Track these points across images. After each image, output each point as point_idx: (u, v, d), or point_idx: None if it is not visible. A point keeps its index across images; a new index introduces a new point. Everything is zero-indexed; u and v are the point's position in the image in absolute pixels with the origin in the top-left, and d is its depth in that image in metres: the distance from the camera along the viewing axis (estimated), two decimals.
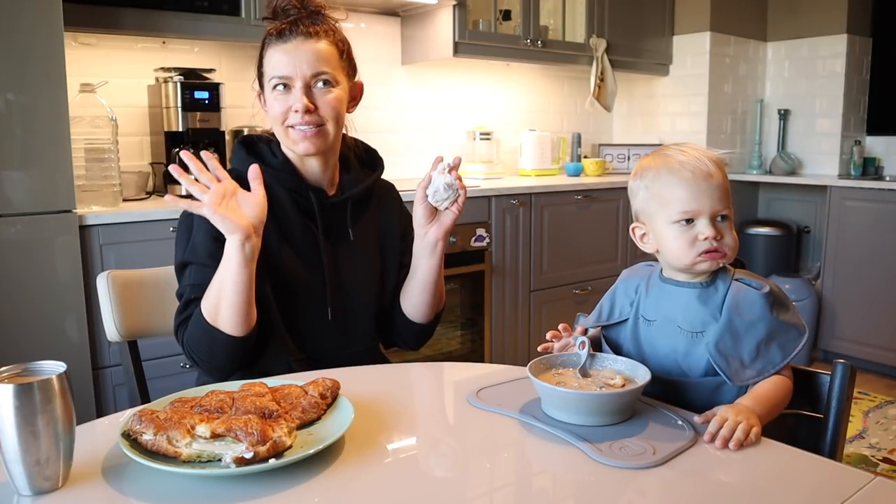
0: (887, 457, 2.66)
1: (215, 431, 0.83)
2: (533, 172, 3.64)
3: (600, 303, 1.21)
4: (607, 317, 1.18)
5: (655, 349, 1.10)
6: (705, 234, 1.05)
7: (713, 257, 1.06)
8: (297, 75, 1.26)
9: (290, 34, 1.27)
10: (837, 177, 3.90)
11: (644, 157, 1.16)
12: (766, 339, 1.04)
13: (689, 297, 1.09)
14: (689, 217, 1.06)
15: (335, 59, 1.30)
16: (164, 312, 1.42)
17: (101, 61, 2.58)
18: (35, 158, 1.96)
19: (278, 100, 1.28)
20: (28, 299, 1.98)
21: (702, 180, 1.06)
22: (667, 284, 1.12)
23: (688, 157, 1.08)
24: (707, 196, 1.06)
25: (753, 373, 1.03)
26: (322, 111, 1.28)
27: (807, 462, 0.88)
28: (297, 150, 1.29)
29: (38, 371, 0.80)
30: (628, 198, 1.18)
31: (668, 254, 1.10)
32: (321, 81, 1.27)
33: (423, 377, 1.28)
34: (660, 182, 1.09)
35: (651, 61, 3.96)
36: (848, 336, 3.58)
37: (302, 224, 1.32)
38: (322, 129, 1.28)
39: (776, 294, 1.07)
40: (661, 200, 1.09)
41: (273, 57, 1.28)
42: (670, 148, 1.12)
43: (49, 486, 0.78)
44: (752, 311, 1.05)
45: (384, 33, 3.32)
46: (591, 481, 0.83)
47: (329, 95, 1.28)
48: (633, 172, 1.15)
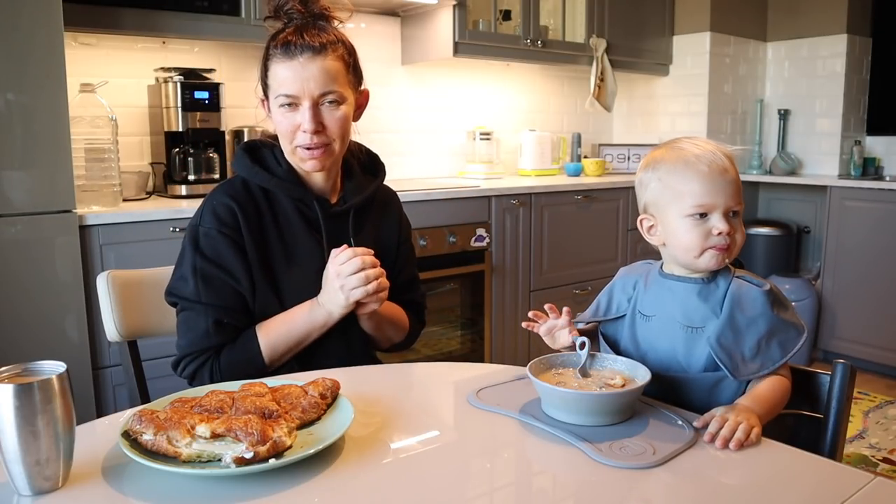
0: (887, 457, 2.66)
1: (215, 431, 0.83)
2: (533, 172, 3.64)
3: (597, 298, 1.21)
4: (604, 312, 1.18)
5: (653, 345, 1.10)
6: (719, 228, 1.05)
7: (722, 252, 1.06)
8: (304, 95, 1.24)
9: (295, 49, 1.24)
10: (837, 177, 3.90)
11: (655, 148, 1.15)
12: (766, 335, 1.04)
13: (689, 293, 1.09)
14: (704, 211, 1.06)
15: (342, 75, 1.28)
16: (164, 312, 1.42)
17: (101, 61, 2.58)
18: (35, 158, 1.96)
19: (286, 117, 1.27)
20: (28, 299, 1.98)
21: (718, 175, 1.06)
22: (667, 280, 1.12)
23: (703, 151, 1.07)
24: (722, 191, 1.06)
25: (755, 367, 1.03)
26: (330, 131, 1.27)
27: (807, 462, 0.88)
28: (304, 167, 1.30)
29: (38, 371, 0.80)
30: (631, 194, 1.17)
31: (678, 247, 1.09)
32: (329, 101, 1.26)
33: (423, 377, 1.28)
34: (675, 174, 1.08)
35: (651, 61, 3.96)
36: (848, 336, 3.58)
37: (306, 235, 1.32)
38: (329, 149, 1.28)
39: (776, 293, 1.08)
40: (675, 193, 1.08)
41: (279, 73, 1.25)
42: (682, 141, 1.11)
43: (49, 486, 0.78)
44: (754, 308, 1.05)
45: (384, 33, 3.32)
46: (591, 481, 0.83)
47: (337, 114, 1.27)
48: (644, 164, 1.14)
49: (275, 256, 1.29)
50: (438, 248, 2.83)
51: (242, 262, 1.26)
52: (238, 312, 1.26)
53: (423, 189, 2.83)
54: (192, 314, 1.25)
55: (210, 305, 1.23)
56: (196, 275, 1.24)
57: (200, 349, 1.24)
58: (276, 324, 1.26)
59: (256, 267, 1.27)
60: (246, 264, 1.26)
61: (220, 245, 1.25)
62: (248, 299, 1.27)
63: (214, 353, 1.24)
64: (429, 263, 2.78)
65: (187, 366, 1.25)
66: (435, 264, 2.80)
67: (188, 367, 1.25)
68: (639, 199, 1.17)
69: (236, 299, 1.25)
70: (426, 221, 2.76)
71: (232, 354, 1.24)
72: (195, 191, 2.50)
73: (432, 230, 2.80)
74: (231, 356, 1.24)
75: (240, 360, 1.23)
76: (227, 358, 1.24)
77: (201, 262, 1.24)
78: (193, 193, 2.49)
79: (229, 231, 1.26)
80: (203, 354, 1.24)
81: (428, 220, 2.76)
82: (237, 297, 1.25)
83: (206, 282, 1.24)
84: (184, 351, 1.25)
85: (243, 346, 1.24)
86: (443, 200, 2.83)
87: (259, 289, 1.27)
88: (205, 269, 1.24)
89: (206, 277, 1.24)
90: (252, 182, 1.31)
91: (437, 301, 2.94)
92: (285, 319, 1.26)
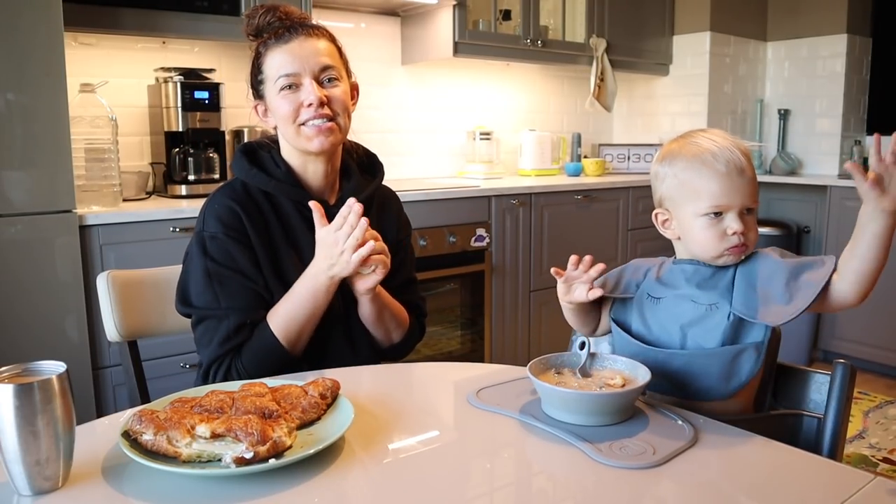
0: (887, 457, 2.66)
1: (215, 431, 0.83)
2: (533, 172, 3.63)
3: (607, 274, 1.17)
4: (612, 288, 1.17)
5: (664, 323, 1.10)
6: (734, 228, 1.06)
7: (737, 252, 1.07)
8: (305, 71, 1.26)
9: (289, 34, 1.27)
10: (837, 177, 3.90)
11: (671, 141, 1.14)
12: (790, 278, 1.04)
13: (701, 274, 1.10)
14: (719, 211, 1.06)
15: (336, 55, 1.32)
16: (164, 312, 1.42)
17: (101, 61, 2.58)
18: (35, 158, 1.96)
19: (287, 99, 1.27)
20: (28, 299, 1.98)
21: (736, 175, 1.06)
22: (682, 265, 1.13)
23: (720, 148, 1.07)
24: (739, 191, 1.06)
25: (793, 308, 1.01)
26: (334, 104, 1.28)
27: (807, 462, 0.88)
28: (312, 146, 1.28)
29: (38, 371, 0.80)
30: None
31: (694, 244, 1.10)
32: (328, 77, 1.28)
33: (423, 377, 1.27)
34: (691, 172, 1.08)
35: (651, 61, 3.96)
36: (848, 336, 3.58)
37: (308, 237, 1.32)
38: (335, 123, 1.28)
39: (782, 250, 1.09)
40: (692, 191, 1.08)
41: (276, 58, 1.27)
42: (698, 135, 1.11)
43: (49, 486, 0.78)
44: (766, 266, 1.07)
45: (384, 33, 3.32)
46: (591, 481, 0.83)
47: (338, 89, 1.29)
48: (660, 156, 1.14)
49: (282, 254, 1.29)
50: (438, 248, 2.83)
51: (253, 261, 1.26)
52: (257, 310, 1.25)
53: (422, 189, 2.83)
54: (213, 321, 1.24)
55: (230, 308, 1.23)
56: (210, 280, 1.23)
57: (224, 353, 1.23)
58: (280, 309, 1.25)
59: (266, 265, 1.27)
60: (256, 262, 1.26)
61: (230, 247, 1.24)
62: (265, 296, 1.26)
63: (236, 353, 1.24)
64: (429, 263, 2.78)
65: (216, 373, 1.23)
66: (435, 264, 2.80)
67: (217, 374, 1.23)
68: (654, 192, 1.16)
69: (253, 298, 1.25)
70: (426, 221, 2.76)
71: (252, 349, 1.23)
72: (195, 191, 2.50)
73: (432, 230, 2.80)
74: (251, 351, 1.23)
75: (260, 353, 1.22)
76: (248, 354, 1.23)
77: (213, 267, 1.24)
78: (193, 193, 2.49)
79: (235, 233, 1.25)
80: (227, 358, 1.23)
81: (428, 220, 2.76)
82: (254, 295, 1.25)
83: (221, 286, 1.23)
84: (209, 359, 1.23)
85: (260, 339, 1.23)
86: (443, 200, 2.83)
87: (271, 286, 1.27)
88: (218, 273, 1.24)
89: (220, 281, 1.23)
90: (251, 185, 1.31)
91: (437, 301, 2.94)
92: (288, 301, 1.24)
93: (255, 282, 1.25)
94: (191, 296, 1.25)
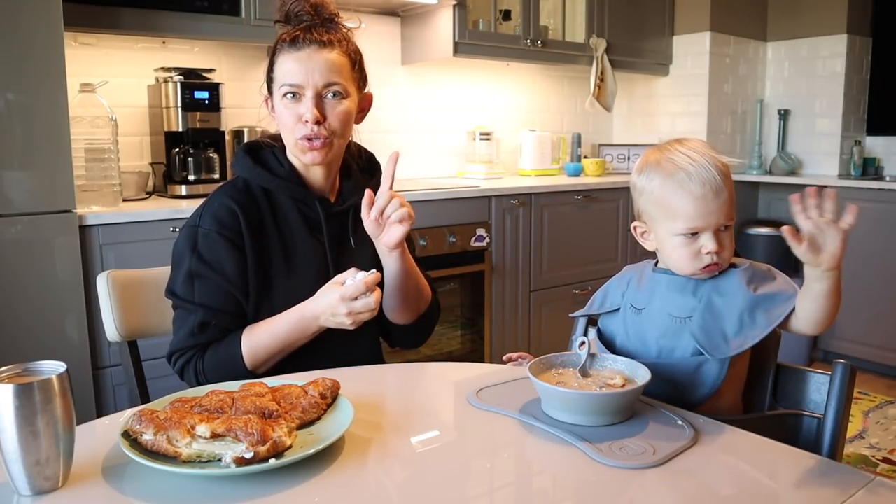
0: (887, 457, 2.66)
1: (215, 431, 0.83)
2: (533, 172, 3.63)
3: (594, 294, 1.25)
4: (598, 307, 1.21)
5: (643, 337, 1.13)
6: (708, 248, 1.07)
7: (711, 270, 1.09)
8: (308, 84, 1.25)
9: (302, 42, 1.26)
10: (837, 177, 3.90)
11: (649, 151, 1.14)
12: (747, 311, 1.05)
13: (677, 286, 1.12)
14: (695, 231, 1.07)
15: (347, 70, 1.29)
16: (163, 312, 1.42)
17: (101, 61, 2.58)
18: (35, 158, 1.96)
19: (288, 108, 1.27)
20: (28, 299, 1.98)
21: (712, 197, 1.06)
22: (657, 274, 1.15)
23: (696, 167, 1.06)
24: (714, 213, 1.07)
25: (736, 344, 1.04)
26: (331, 123, 1.27)
27: (807, 462, 0.88)
28: (304, 159, 1.30)
29: (38, 371, 0.80)
30: (630, 195, 1.18)
31: (669, 260, 1.12)
32: (332, 93, 1.27)
33: (423, 377, 1.27)
34: (667, 190, 1.08)
35: (651, 61, 3.95)
36: (848, 336, 3.58)
37: (307, 236, 1.32)
38: (328, 142, 1.28)
39: (755, 268, 1.10)
40: (667, 210, 1.09)
41: (285, 64, 1.27)
42: (675, 151, 1.10)
43: (49, 486, 0.78)
44: (730, 288, 1.08)
45: (384, 33, 3.32)
46: (591, 481, 0.83)
47: (339, 108, 1.28)
48: (639, 167, 1.14)
49: (273, 259, 1.29)
50: (438, 248, 2.83)
51: (239, 265, 1.26)
52: (227, 315, 1.26)
53: (422, 189, 2.83)
54: (184, 312, 1.27)
55: (199, 306, 1.24)
56: (191, 274, 1.25)
57: (186, 347, 1.25)
58: (259, 330, 1.25)
59: (253, 270, 1.27)
60: (243, 266, 1.26)
61: (218, 247, 1.25)
62: (242, 301, 1.27)
63: (200, 351, 1.25)
64: (429, 263, 2.75)
65: (176, 361, 1.27)
66: (435, 264, 2.80)
67: (177, 363, 1.27)
68: (633, 202, 1.17)
69: (227, 301, 1.26)
70: (426, 221, 2.76)
71: (215, 355, 1.25)
72: (195, 191, 2.50)
73: (432, 230, 2.80)
74: (214, 357, 1.25)
75: (222, 362, 1.24)
76: (211, 358, 1.25)
77: (196, 263, 1.25)
78: (193, 193, 2.49)
79: (229, 233, 1.26)
80: (188, 352, 1.25)
81: (428, 220, 2.76)
82: (229, 299, 1.26)
83: (198, 282, 1.25)
84: (173, 347, 1.27)
85: (226, 348, 1.24)
86: (443, 200, 2.83)
87: (253, 291, 1.27)
88: (199, 270, 1.25)
89: (199, 278, 1.25)
90: (253, 183, 1.31)
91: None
92: (269, 328, 1.24)
93: (235, 286, 1.26)
94: (174, 285, 1.28)
